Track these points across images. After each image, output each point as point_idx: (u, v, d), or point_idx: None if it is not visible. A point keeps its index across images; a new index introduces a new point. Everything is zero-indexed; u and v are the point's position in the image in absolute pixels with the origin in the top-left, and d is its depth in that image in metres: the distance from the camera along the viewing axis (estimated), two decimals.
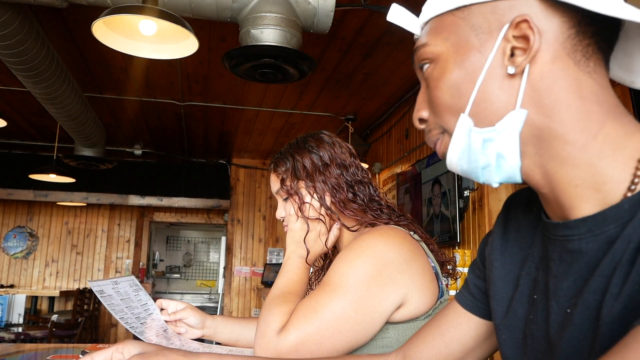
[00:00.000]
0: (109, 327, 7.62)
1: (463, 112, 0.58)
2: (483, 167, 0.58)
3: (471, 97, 0.58)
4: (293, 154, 1.16)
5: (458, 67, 0.59)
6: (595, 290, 0.53)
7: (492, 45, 0.57)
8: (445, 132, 0.62)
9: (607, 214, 0.53)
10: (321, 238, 1.12)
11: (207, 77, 4.23)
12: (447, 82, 0.60)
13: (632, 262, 0.50)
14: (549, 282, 0.60)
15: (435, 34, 0.61)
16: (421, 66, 0.64)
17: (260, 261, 7.02)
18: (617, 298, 0.50)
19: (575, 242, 0.56)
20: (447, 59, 0.60)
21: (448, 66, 0.60)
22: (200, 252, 12.35)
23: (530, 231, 0.68)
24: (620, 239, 0.52)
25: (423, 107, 0.65)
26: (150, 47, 2.19)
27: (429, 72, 0.62)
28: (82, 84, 4.32)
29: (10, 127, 5.29)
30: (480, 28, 0.57)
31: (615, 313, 0.49)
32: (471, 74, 0.58)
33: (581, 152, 0.55)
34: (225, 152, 6.91)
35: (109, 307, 1.10)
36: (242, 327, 1.29)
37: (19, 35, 2.66)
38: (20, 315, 4.73)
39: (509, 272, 0.69)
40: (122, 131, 5.92)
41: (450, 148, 0.61)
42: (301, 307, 0.95)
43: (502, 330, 0.68)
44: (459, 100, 0.59)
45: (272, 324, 0.95)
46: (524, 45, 0.55)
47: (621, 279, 0.50)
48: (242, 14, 2.29)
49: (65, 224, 7.77)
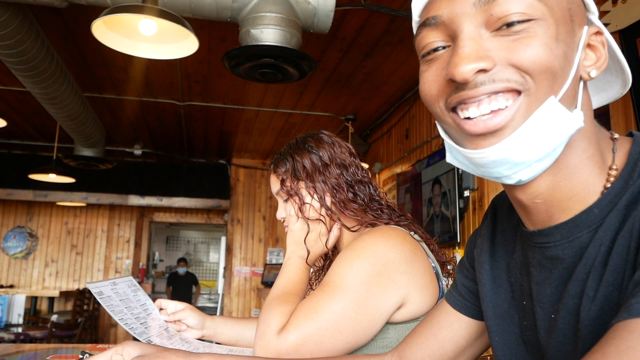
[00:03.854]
0: (108, 328, 7.61)
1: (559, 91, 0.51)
2: (539, 159, 0.51)
3: (569, 77, 0.52)
4: (293, 155, 1.15)
5: (563, 41, 0.52)
6: (573, 295, 0.54)
7: (579, 38, 0.54)
8: (523, 100, 0.50)
9: (578, 220, 0.54)
10: (321, 238, 1.12)
11: (207, 77, 4.22)
12: (558, 48, 0.51)
13: (605, 264, 0.50)
14: (532, 288, 0.60)
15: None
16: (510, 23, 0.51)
17: (260, 261, 7.02)
18: (593, 300, 0.50)
19: (552, 249, 0.56)
20: (555, 26, 0.51)
21: (558, 34, 0.51)
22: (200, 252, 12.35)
23: (512, 235, 0.68)
24: (592, 243, 0.53)
25: (488, 58, 0.51)
26: (150, 47, 2.19)
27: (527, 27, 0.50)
28: (81, 83, 4.32)
29: (10, 127, 5.30)
30: (574, 15, 0.54)
31: (593, 315, 0.50)
32: (570, 55, 0.52)
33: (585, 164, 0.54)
34: (225, 152, 6.91)
35: (108, 308, 1.10)
36: (241, 328, 1.29)
37: (18, 35, 2.65)
38: (20, 315, 4.72)
39: (499, 275, 0.68)
40: (122, 131, 5.92)
41: (524, 126, 0.50)
42: (301, 307, 0.95)
43: (494, 332, 0.67)
44: (561, 74, 0.51)
45: (272, 324, 0.95)
46: (594, 55, 0.55)
47: (596, 282, 0.51)
48: (242, 14, 2.29)
49: (65, 224, 7.76)
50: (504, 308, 0.67)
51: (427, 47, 0.57)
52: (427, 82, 0.56)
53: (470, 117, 0.52)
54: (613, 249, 0.50)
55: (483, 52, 0.51)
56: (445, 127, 0.57)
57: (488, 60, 0.50)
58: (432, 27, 0.56)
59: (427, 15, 0.56)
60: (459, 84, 0.52)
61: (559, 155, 0.52)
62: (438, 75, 0.55)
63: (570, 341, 0.54)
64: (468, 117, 0.52)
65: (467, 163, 0.56)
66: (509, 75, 0.50)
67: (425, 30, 0.56)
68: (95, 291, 1.10)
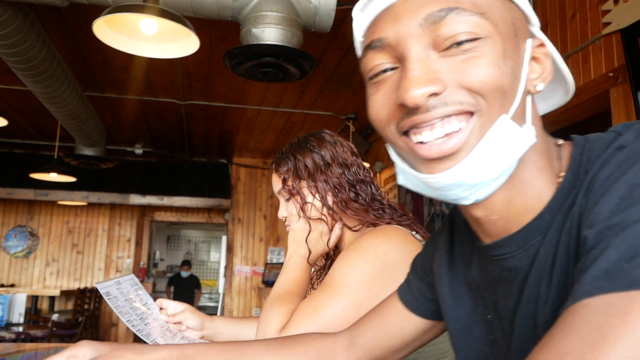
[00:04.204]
0: (109, 327, 7.62)
1: (509, 108, 0.50)
2: (495, 178, 0.51)
3: (518, 94, 0.51)
4: (294, 154, 1.15)
5: (510, 57, 0.51)
6: (528, 300, 0.54)
7: (524, 52, 0.53)
8: (476, 121, 0.50)
9: (531, 227, 0.54)
10: (323, 238, 1.12)
11: (208, 76, 4.22)
12: (506, 65, 0.50)
13: (553, 265, 0.51)
14: (497, 301, 0.60)
15: (487, 8, 0.51)
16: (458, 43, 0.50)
17: (261, 260, 7.02)
18: (546, 304, 0.51)
19: (509, 260, 0.56)
20: (501, 43, 0.50)
21: (505, 51, 0.50)
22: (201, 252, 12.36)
23: (470, 247, 0.67)
24: (542, 247, 0.53)
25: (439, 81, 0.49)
26: (151, 46, 2.19)
27: (475, 46, 0.49)
28: (82, 83, 4.32)
29: (11, 126, 5.30)
30: (518, 29, 0.53)
31: (548, 318, 0.50)
32: (517, 70, 0.51)
33: (537, 175, 0.54)
34: (226, 151, 6.91)
35: (116, 309, 1.10)
36: (241, 327, 1.29)
37: (19, 35, 2.65)
38: (21, 314, 4.73)
39: (458, 288, 0.68)
40: (123, 130, 5.92)
41: (479, 147, 0.49)
42: (302, 306, 0.95)
43: (458, 346, 0.68)
44: (510, 91, 0.50)
45: (273, 323, 0.95)
46: (538, 67, 0.54)
47: (547, 285, 0.51)
48: (243, 13, 2.29)
49: (65, 223, 7.77)
50: (464, 321, 0.66)
51: (374, 70, 0.55)
52: (377, 106, 0.55)
53: (424, 141, 0.51)
54: (558, 248, 0.51)
55: (433, 74, 0.49)
56: (397, 150, 0.56)
57: (439, 83, 0.49)
58: (378, 50, 0.54)
59: (372, 37, 0.54)
60: (410, 108, 0.50)
61: (513, 170, 0.52)
62: (388, 99, 0.53)
63: (529, 348, 0.54)
64: (421, 141, 0.51)
65: (421, 186, 0.54)
66: (461, 98, 0.49)
67: (371, 53, 0.55)
68: (103, 292, 1.10)
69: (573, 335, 0.36)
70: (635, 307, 0.34)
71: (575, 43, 2.42)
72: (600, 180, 0.46)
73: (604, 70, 2.24)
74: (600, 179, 0.46)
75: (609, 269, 0.37)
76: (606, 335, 0.34)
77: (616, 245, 0.38)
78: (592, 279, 0.38)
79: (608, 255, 0.38)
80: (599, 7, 2.27)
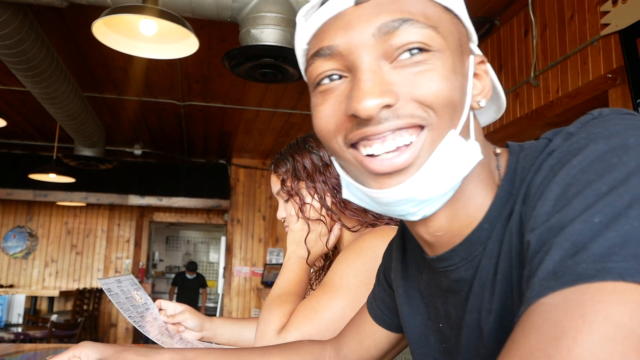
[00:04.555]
0: (108, 327, 7.62)
1: (458, 123, 0.51)
2: (443, 194, 0.51)
3: (465, 109, 0.52)
4: (293, 155, 1.15)
5: (459, 72, 0.51)
6: (472, 310, 0.54)
7: (468, 68, 0.54)
8: (427, 136, 0.49)
9: (472, 239, 0.54)
10: (322, 239, 1.12)
11: (207, 77, 4.22)
12: (456, 80, 0.50)
13: (495, 274, 0.51)
14: (448, 311, 0.60)
15: (438, 22, 0.51)
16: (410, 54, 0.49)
17: (260, 261, 7.02)
18: (490, 313, 0.51)
19: (455, 272, 0.57)
20: (451, 57, 0.51)
21: (454, 65, 0.50)
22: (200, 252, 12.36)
23: (420, 256, 0.67)
24: (484, 256, 0.53)
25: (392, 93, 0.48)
26: (150, 47, 2.19)
27: (427, 59, 0.49)
28: (82, 83, 4.32)
29: (10, 127, 5.30)
30: (463, 45, 0.54)
31: (492, 326, 0.51)
32: (464, 86, 0.52)
33: (478, 187, 0.54)
34: (225, 152, 6.91)
35: (118, 305, 1.11)
36: (240, 328, 1.29)
37: (18, 35, 2.65)
38: (20, 315, 4.72)
39: (413, 296, 0.68)
40: (122, 131, 5.92)
41: (429, 162, 0.49)
42: (301, 307, 0.95)
43: (416, 355, 0.68)
44: (460, 106, 0.51)
45: (272, 324, 0.95)
46: (479, 83, 0.55)
47: (490, 294, 0.52)
48: (242, 14, 2.29)
49: (64, 224, 7.76)
50: (420, 330, 0.67)
51: (321, 76, 0.53)
52: (324, 117, 0.53)
53: (374, 154, 0.49)
54: (500, 257, 0.51)
55: (386, 86, 0.48)
56: (343, 163, 0.55)
57: (392, 95, 0.48)
58: (327, 58, 0.52)
59: (321, 44, 0.52)
60: (361, 119, 0.49)
61: (458, 186, 0.52)
62: (336, 110, 0.52)
63: (476, 357, 0.55)
64: (371, 154, 0.50)
65: (367, 200, 0.53)
66: (413, 111, 0.48)
67: (319, 61, 0.52)
68: (105, 288, 1.11)
69: (533, 334, 0.36)
70: (587, 299, 0.35)
71: (574, 44, 2.43)
72: (535, 187, 0.47)
73: (603, 71, 2.24)
74: (535, 185, 0.47)
75: (555, 269, 0.38)
76: (566, 329, 0.34)
77: (558, 244, 0.39)
78: (540, 281, 0.38)
79: (552, 255, 0.39)
80: (598, 8, 2.27)
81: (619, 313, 0.34)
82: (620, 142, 0.42)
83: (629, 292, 0.34)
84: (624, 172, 0.40)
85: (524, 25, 2.84)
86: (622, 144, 0.42)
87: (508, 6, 2.91)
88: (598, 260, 0.36)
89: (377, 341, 0.79)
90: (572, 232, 0.38)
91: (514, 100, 2.90)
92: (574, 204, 0.40)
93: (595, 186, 0.40)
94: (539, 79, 2.69)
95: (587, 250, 0.37)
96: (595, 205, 0.39)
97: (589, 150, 0.43)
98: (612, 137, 0.43)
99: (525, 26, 2.83)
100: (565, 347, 0.34)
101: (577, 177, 0.42)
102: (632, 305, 0.34)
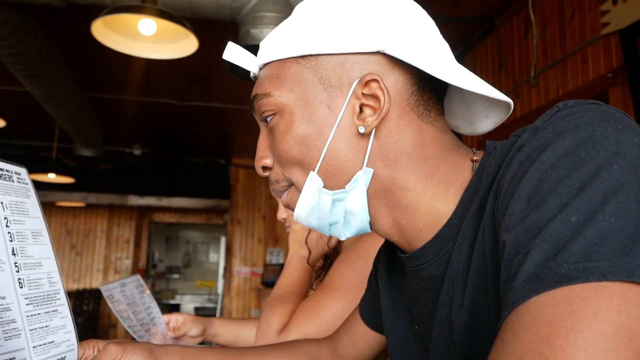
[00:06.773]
0: (108, 328, 7.61)
1: (313, 169, 0.56)
2: (331, 223, 0.58)
3: (322, 154, 0.55)
4: None
5: (307, 122, 0.55)
6: (443, 305, 0.55)
7: (342, 101, 0.54)
8: (293, 186, 0.59)
9: (442, 235, 0.55)
10: (323, 239, 1.12)
11: (206, 77, 4.22)
12: (295, 136, 0.56)
13: (467, 270, 0.52)
14: (421, 312, 0.61)
15: (279, 83, 0.56)
16: (264, 118, 0.59)
17: (260, 261, 7.02)
18: (461, 308, 0.52)
19: (426, 269, 0.57)
20: (294, 112, 0.56)
21: (295, 120, 0.56)
22: (199, 253, 12.34)
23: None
24: (454, 252, 0.54)
25: (267, 155, 0.60)
26: (150, 46, 2.18)
27: (274, 123, 0.57)
28: (81, 83, 4.31)
29: (9, 127, 5.29)
30: (329, 81, 0.55)
31: (463, 322, 0.51)
32: (321, 130, 0.55)
33: (421, 196, 0.56)
34: (224, 152, 6.90)
35: (118, 314, 1.09)
36: (240, 328, 1.29)
37: (18, 35, 2.65)
38: None
39: (397, 298, 0.69)
40: (122, 131, 5.91)
41: (299, 205, 0.58)
42: (302, 307, 0.95)
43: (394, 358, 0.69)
44: (307, 155, 0.55)
45: (273, 324, 0.95)
46: (373, 104, 0.54)
47: (462, 289, 0.52)
48: (242, 14, 2.29)
49: (64, 225, 7.76)
50: (402, 333, 0.67)
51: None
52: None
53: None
54: (473, 253, 0.51)
55: (266, 151, 0.61)
56: None
57: (268, 159, 0.60)
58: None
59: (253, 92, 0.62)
60: None
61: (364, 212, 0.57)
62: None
63: (445, 353, 0.55)
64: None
65: None
66: (278, 176, 0.60)
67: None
68: (107, 294, 1.09)
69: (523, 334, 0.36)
70: (574, 297, 0.35)
71: (574, 44, 2.42)
72: (507, 183, 0.47)
73: (603, 70, 2.24)
74: (507, 181, 0.47)
75: (537, 271, 0.38)
76: (557, 328, 0.34)
77: (538, 246, 0.38)
78: (523, 284, 0.38)
79: (532, 257, 0.38)
80: (598, 7, 2.27)
81: (607, 308, 0.34)
82: (587, 135, 0.42)
83: (612, 289, 0.35)
84: (594, 165, 0.40)
85: (524, 24, 2.84)
86: (589, 137, 0.42)
87: (508, 6, 2.90)
88: (580, 260, 0.36)
89: (370, 343, 0.80)
90: (551, 232, 0.38)
91: (514, 100, 2.90)
92: (549, 202, 0.40)
93: (568, 182, 0.40)
94: (539, 79, 2.68)
95: (568, 250, 0.37)
96: (571, 204, 0.39)
97: (557, 145, 0.43)
98: (578, 131, 0.43)
99: (525, 26, 2.83)
100: (559, 347, 0.34)
101: (548, 172, 0.42)
102: (618, 299, 0.34)
